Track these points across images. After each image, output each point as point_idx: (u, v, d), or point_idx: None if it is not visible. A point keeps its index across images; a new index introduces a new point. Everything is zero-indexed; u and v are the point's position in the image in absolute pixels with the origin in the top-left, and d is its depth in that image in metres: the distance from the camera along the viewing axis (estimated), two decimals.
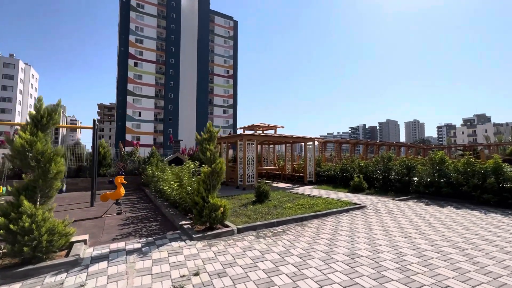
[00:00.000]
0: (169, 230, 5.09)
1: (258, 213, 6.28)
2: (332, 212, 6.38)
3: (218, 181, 5.19)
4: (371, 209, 6.86)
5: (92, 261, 3.57)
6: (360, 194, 9.39)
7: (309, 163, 13.06)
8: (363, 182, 10.07)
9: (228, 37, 73.90)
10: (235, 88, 74.00)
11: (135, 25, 60.19)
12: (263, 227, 5.20)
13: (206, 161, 5.13)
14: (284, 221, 5.54)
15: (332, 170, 12.77)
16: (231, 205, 7.33)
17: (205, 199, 4.88)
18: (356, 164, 11.80)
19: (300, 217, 5.81)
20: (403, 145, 26.18)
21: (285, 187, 11.84)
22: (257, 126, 13.50)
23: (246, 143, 10.95)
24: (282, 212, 6.32)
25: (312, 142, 13.37)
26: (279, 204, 7.41)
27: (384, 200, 8.14)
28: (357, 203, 7.42)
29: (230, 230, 4.79)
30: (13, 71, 69.65)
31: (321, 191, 10.09)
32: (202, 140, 5.20)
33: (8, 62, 69.45)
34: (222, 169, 5.15)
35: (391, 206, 7.21)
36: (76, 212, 6.91)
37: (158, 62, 62.60)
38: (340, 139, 19.58)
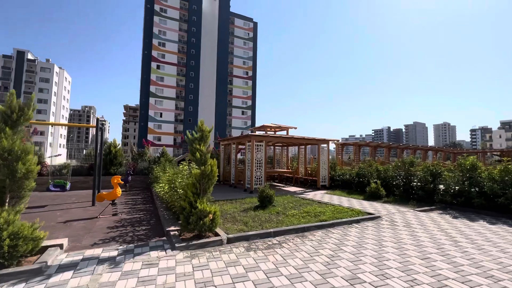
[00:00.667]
0: (155, 236, 4.72)
1: (256, 220, 5.75)
2: (340, 223, 5.69)
3: (209, 185, 4.75)
4: (386, 221, 6.05)
5: (57, 270, 3.26)
6: (376, 202, 8.51)
7: (322, 166, 12.28)
8: (381, 189, 9.16)
9: (247, 39, 74.09)
10: (253, 90, 73.94)
11: (158, 29, 62.21)
12: (257, 238, 4.66)
13: (195, 162, 4.71)
14: (283, 231, 4.96)
15: (348, 174, 11.88)
16: (232, 210, 6.88)
17: (193, 204, 4.45)
18: (373, 168, 10.84)
19: (302, 227, 5.20)
20: (430, 149, 24.23)
21: (296, 191, 11.18)
22: (268, 126, 12.96)
23: (254, 144, 10.46)
24: (283, 220, 5.74)
25: (326, 144, 12.57)
26: (282, 210, 6.82)
27: (403, 210, 7.24)
28: (370, 212, 6.63)
29: (218, 239, 4.31)
30: (49, 75, 74.93)
31: (333, 197, 9.32)
32: (193, 139, 4.79)
33: (44, 66, 74.87)
34: (213, 171, 4.71)
35: (410, 218, 6.34)
36: (74, 212, 6.82)
37: (179, 64, 64.14)
38: (359, 141, 18.43)
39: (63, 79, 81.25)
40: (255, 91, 74.26)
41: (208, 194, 4.85)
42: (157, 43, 61.93)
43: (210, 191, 4.83)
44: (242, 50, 73.11)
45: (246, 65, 73.26)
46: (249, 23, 75.14)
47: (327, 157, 12.46)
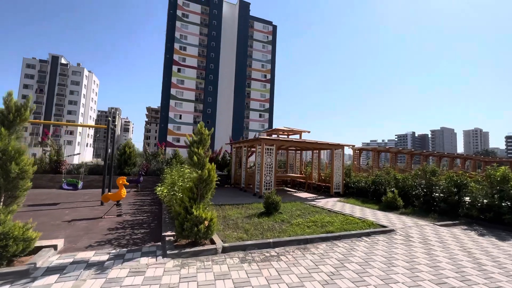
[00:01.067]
0: (151, 240, 4.62)
1: (258, 228, 5.50)
2: (347, 235, 5.27)
3: (207, 190, 4.57)
4: (400, 235, 5.53)
5: (44, 273, 3.22)
6: (392, 213, 7.91)
7: (336, 172, 11.75)
8: (398, 199, 8.52)
9: (266, 42, 74.22)
10: (271, 92, 73.76)
11: (179, 33, 64.08)
12: (254, 248, 4.40)
13: (193, 166, 4.56)
14: (283, 242, 4.66)
15: (363, 181, 11.26)
16: (236, 215, 6.68)
17: (188, 210, 4.29)
18: (391, 176, 10.17)
19: (305, 238, 4.86)
20: (458, 156, 22.55)
21: (307, 197, 10.76)
22: (280, 130, 12.66)
23: (264, 148, 10.21)
24: (286, 230, 5.43)
25: (341, 149, 12.03)
26: (288, 218, 6.50)
27: (422, 223, 6.63)
28: (383, 225, 6.12)
29: (212, 248, 4.11)
30: (79, 78, 79.70)
31: (346, 206, 8.81)
32: (191, 142, 4.65)
33: (75, 70, 79.78)
34: (211, 176, 4.53)
35: (428, 233, 5.76)
36: (82, 211, 6.95)
37: (199, 67, 65.55)
38: (377, 147, 17.51)
39: (92, 82, 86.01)
40: (273, 94, 74.03)
41: (207, 200, 4.68)
42: (178, 47, 63.76)
43: (208, 197, 4.66)
44: (261, 53, 73.32)
45: (265, 68, 73.32)
46: (269, 27, 75.28)
47: (341, 163, 11.90)
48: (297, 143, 11.66)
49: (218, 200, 8.94)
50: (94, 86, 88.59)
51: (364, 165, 21.91)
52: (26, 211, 6.74)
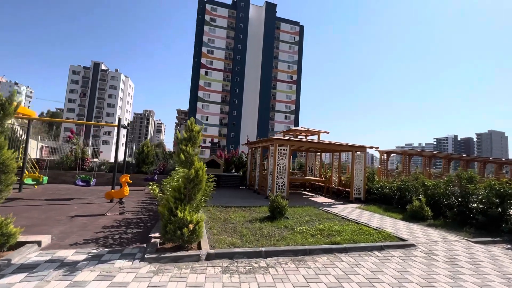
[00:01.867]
0: (138, 242, 4.42)
1: (256, 234, 5.07)
2: (355, 248, 4.61)
3: (196, 191, 4.26)
4: (421, 251, 4.72)
5: (14, 271, 3.13)
6: (417, 224, 6.93)
7: (357, 176, 10.83)
8: (426, 208, 7.49)
9: (293, 43, 73.26)
10: (297, 94, 72.51)
11: (207, 37, 65.86)
12: (243, 257, 3.97)
13: (180, 164, 4.29)
14: (277, 251, 4.17)
15: (387, 187, 10.21)
16: (238, 219, 6.31)
17: (173, 211, 4.01)
18: (419, 182, 9.05)
19: (304, 249, 4.32)
20: (506, 162, 19.80)
21: (323, 202, 10.03)
22: (297, 130, 12.06)
23: (277, 149, 9.72)
24: (286, 237, 4.92)
25: (363, 152, 11.07)
26: (293, 224, 5.97)
27: (452, 239, 5.65)
28: (403, 238, 5.31)
29: (195, 254, 3.77)
30: (116, 83, 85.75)
31: (364, 214, 7.97)
32: (181, 139, 4.38)
33: (113, 75, 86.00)
34: (200, 176, 4.22)
35: (458, 251, 4.85)
36: (90, 207, 7.09)
37: (225, 70, 66.69)
38: (408, 150, 15.97)
39: (128, 86, 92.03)
40: (299, 96, 72.72)
41: (196, 201, 4.37)
42: (206, 50, 65.54)
43: (198, 198, 4.34)
44: (287, 54, 72.54)
45: (291, 69, 72.37)
46: (295, 27, 74.27)
47: (363, 166, 10.95)
48: (313, 144, 10.97)
49: (226, 202, 8.66)
50: (129, 90, 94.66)
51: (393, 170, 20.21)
52: (40, 205, 7.06)
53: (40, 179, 8.32)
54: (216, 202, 8.61)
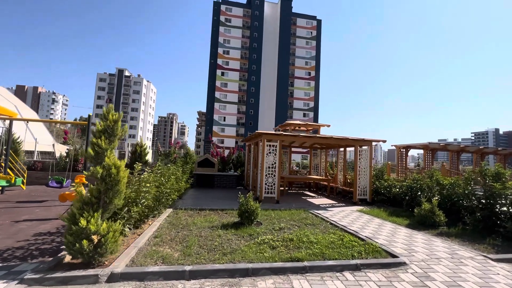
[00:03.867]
0: (54, 254, 3.72)
1: (205, 245, 4.20)
2: (320, 267, 3.51)
3: (112, 194, 3.45)
4: (412, 274, 3.49)
5: None
6: (423, 232, 5.55)
7: (362, 175, 9.44)
8: (437, 212, 6.06)
9: (310, 38, 70.99)
10: (316, 90, 70.13)
11: (223, 38, 65.98)
12: (158, 278, 3.09)
13: (90, 161, 3.51)
14: (207, 271, 3.22)
15: (397, 187, 8.73)
16: (201, 224, 5.46)
17: (76, 218, 3.23)
18: (433, 181, 7.52)
19: (246, 268, 3.32)
20: None
21: (321, 204, 8.83)
22: (293, 124, 10.91)
23: (265, 144, 8.70)
24: (236, 250, 3.96)
25: (368, 146, 9.65)
26: (260, 232, 4.98)
27: (464, 255, 4.29)
28: (393, 253, 4.07)
29: (93, 275, 2.96)
30: (139, 87, 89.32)
31: (361, 219, 6.70)
32: (94, 132, 3.61)
33: (136, 80, 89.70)
34: (115, 175, 3.40)
35: (468, 276, 3.53)
36: (52, 210, 6.65)
37: (241, 70, 66.32)
38: (429, 143, 13.98)
39: (150, 90, 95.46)
40: (317, 92, 70.29)
41: (114, 207, 3.57)
42: (222, 51, 65.67)
43: (115, 203, 3.53)
44: (304, 50, 70.44)
45: (309, 65, 70.14)
46: (312, 22, 71.87)
47: (368, 163, 9.53)
48: (307, 138, 9.76)
49: (206, 204, 7.85)
50: (152, 94, 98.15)
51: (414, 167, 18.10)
52: (11, 207, 6.76)
53: (12, 181, 8.14)
54: (196, 203, 7.86)
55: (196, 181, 12.15)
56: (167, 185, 6.37)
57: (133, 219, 4.43)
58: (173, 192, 6.99)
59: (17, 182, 8.33)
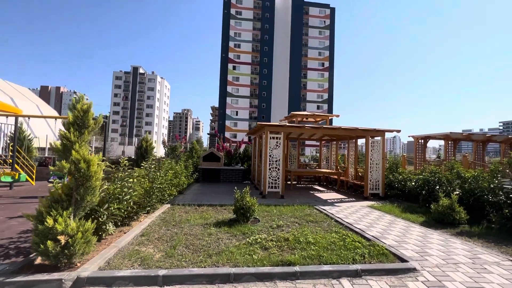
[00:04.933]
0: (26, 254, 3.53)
1: (192, 245, 3.89)
2: (313, 273, 3.07)
3: (86, 192, 3.18)
4: (422, 283, 2.97)
5: None
6: (440, 231, 4.94)
7: (374, 168, 8.78)
8: (458, 209, 5.40)
9: (323, 27, 68.66)
10: (330, 82, 68.11)
11: (234, 31, 65.29)
12: (128, 283, 2.79)
13: (58, 155, 3.24)
14: (184, 277, 2.88)
15: (413, 180, 8.02)
16: (195, 221, 5.17)
17: (43, 217, 2.98)
18: (453, 174, 6.78)
19: (227, 273, 2.95)
20: None
21: (329, 199, 8.32)
22: (300, 115, 10.34)
23: (268, 137, 8.26)
24: (224, 252, 3.60)
25: (381, 137, 8.94)
26: (255, 231, 4.59)
27: (488, 259, 3.68)
28: (402, 257, 3.55)
29: (56, 280, 2.70)
30: (153, 84, 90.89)
31: (371, 215, 6.14)
32: (66, 124, 3.33)
33: (150, 77, 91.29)
34: (85, 170, 3.12)
35: (492, 286, 2.97)
36: None
37: (253, 63, 65.53)
38: (450, 133, 12.88)
39: (164, 87, 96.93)
40: (332, 83, 68.25)
41: (88, 205, 3.30)
42: (233, 45, 65.09)
43: (88, 201, 3.25)
44: (317, 40, 68.35)
45: (322, 56, 68.08)
46: (325, 10, 69.37)
47: (381, 155, 8.84)
48: (314, 129, 9.16)
49: (206, 199, 7.58)
50: (166, 91, 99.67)
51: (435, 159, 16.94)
52: (13, 203, 6.81)
53: (15, 177, 8.24)
54: (196, 199, 7.60)
55: (202, 176, 11.94)
56: (162, 180, 6.12)
57: (117, 217, 4.17)
58: (170, 188, 6.75)
59: (21, 178, 8.45)
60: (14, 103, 16.43)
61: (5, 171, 8.31)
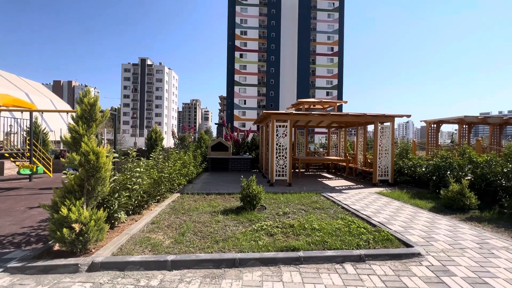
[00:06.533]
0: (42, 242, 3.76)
1: (200, 232, 4.03)
2: (317, 258, 3.14)
3: (97, 183, 3.32)
4: (426, 267, 2.98)
5: None
6: (449, 217, 4.89)
7: (383, 154, 8.66)
8: (468, 194, 5.30)
9: (332, 10, 66.17)
10: (340, 67, 66.27)
11: (240, 18, 63.96)
12: (139, 268, 2.94)
13: (69, 148, 3.36)
14: (191, 262, 3.00)
15: (423, 166, 7.87)
16: (203, 209, 5.32)
17: (57, 206, 3.15)
18: (465, 158, 6.61)
19: (233, 258, 3.05)
20: None
21: (337, 186, 8.32)
22: (307, 102, 10.20)
23: (274, 125, 8.23)
24: (230, 238, 3.72)
25: (390, 122, 8.75)
26: (262, 218, 4.69)
27: (497, 244, 3.64)
28: (407, 242, 3.56)
29: (73, 264, 2.89)
30: (161, 75, 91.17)
31: (378, 202, 6.13)
32: (75, 117, 3.43)
33: (158, 68, 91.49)
34: (94, 162, 3.24)
35: (499, 271, 2.95)
36: None
37: (260, 50, 64.39)
38: (465, 117, 12.41)
39: (172, 78, 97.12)
40: (341, 69, 66.41)
41: (100, 195, 3.45)
42: (239, 32, 63.95)
43: (99, 191, 3.40)
44: (326, 23, 66.09)
45: (331, 40, 65.98)
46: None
47: (390, 141, 8.68)
48: (321, 116, 9.04)
49: (214, 188, 7.73)
50: (174, 81, 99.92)
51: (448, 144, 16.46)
52: (26, 194, 7.18)
53: (33, 169, 8.63)
54: (205, 188, 7.77)
55: (211, 165, 12.12)
56: (170, 170, 6.27)
57: (128, 205, 4.34)
58: (179, 177, 6.91)
59: (38, 170, 8.85)
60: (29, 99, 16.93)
61: (24, 164, 8.72)
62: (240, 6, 64.10)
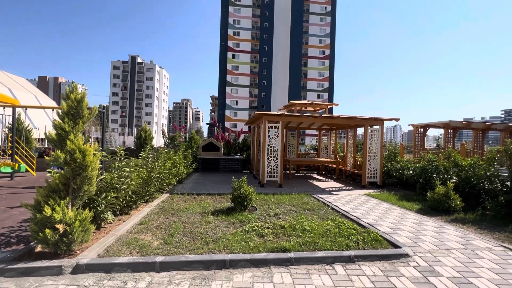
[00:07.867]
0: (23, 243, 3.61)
1: (190, 233, 3.97)
2: (308, 259, 3.14)
3: (82, 182, 3.21)
4: (414, 268, 3.04)
5: None
6: (435, 218, 5.01)
7: (372, 156, 8.81)
8: (453, 197, 5.45)
9: (324, 14, 67.09)
10: (331, 70, 67.21)
11: (233, 18, 63.91)
12: (126, 270, 2.86)
13: (54, 145, 3.25)
14: (180, 263, 2.95)
15: (410, 169, 8.06)
16: (192, 210, 5.23)
17: (40, 206, 3.03)
18: (450, 162, 6.81)
19: (223, 259, 3.01)
20: None
21: (327, 188, 8.39)
22: (299, 104, 10.27)
23: (266, 126, 8.24)
24: (221, 239, 3.68)
25: (379, 126, 8.92)
26: (252, 219, 4.67)
27: (480, 245, 3.75)
28: (395, 243, 3.62)
29: (56, 266, 2.78)
30: (152, 74, 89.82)
31: (367, 203, 6.22)
32: (61, 114, 3.32)
33: (149, 67, 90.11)
34: (80, 160, 3.14)
35: (482, 271, 3.03)
36: None
37: (253, 51, 64.51)
38: (450, 122, 12.84)
39: (163, 76, 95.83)
40: (333, 72, 67.37)
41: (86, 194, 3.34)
42: (232, 32, 63.87)
43: (85, 191, 3.29)
44: (318, 27, 66.93)
45: (323, 44, 66.87)
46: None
47: (379, 144, 8.84)
48: (312, 118, 9.12)
49: (205, 188, 7.65)
50: (165, 80, 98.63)
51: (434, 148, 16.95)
52: (14, 193, 6.90)
53: (15, 168, 8.31)
54: (195, 188, 7.67)
55: (202, 166, 12.00)
56: (160, 170, 6.16)
57: (115, 205, 4.23)
58: (168, 177, 6.80)
59: (21, 168, 8.51)
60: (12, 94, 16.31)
61: (5, 162, 8.36)
62: (234, 7, 64.08)
